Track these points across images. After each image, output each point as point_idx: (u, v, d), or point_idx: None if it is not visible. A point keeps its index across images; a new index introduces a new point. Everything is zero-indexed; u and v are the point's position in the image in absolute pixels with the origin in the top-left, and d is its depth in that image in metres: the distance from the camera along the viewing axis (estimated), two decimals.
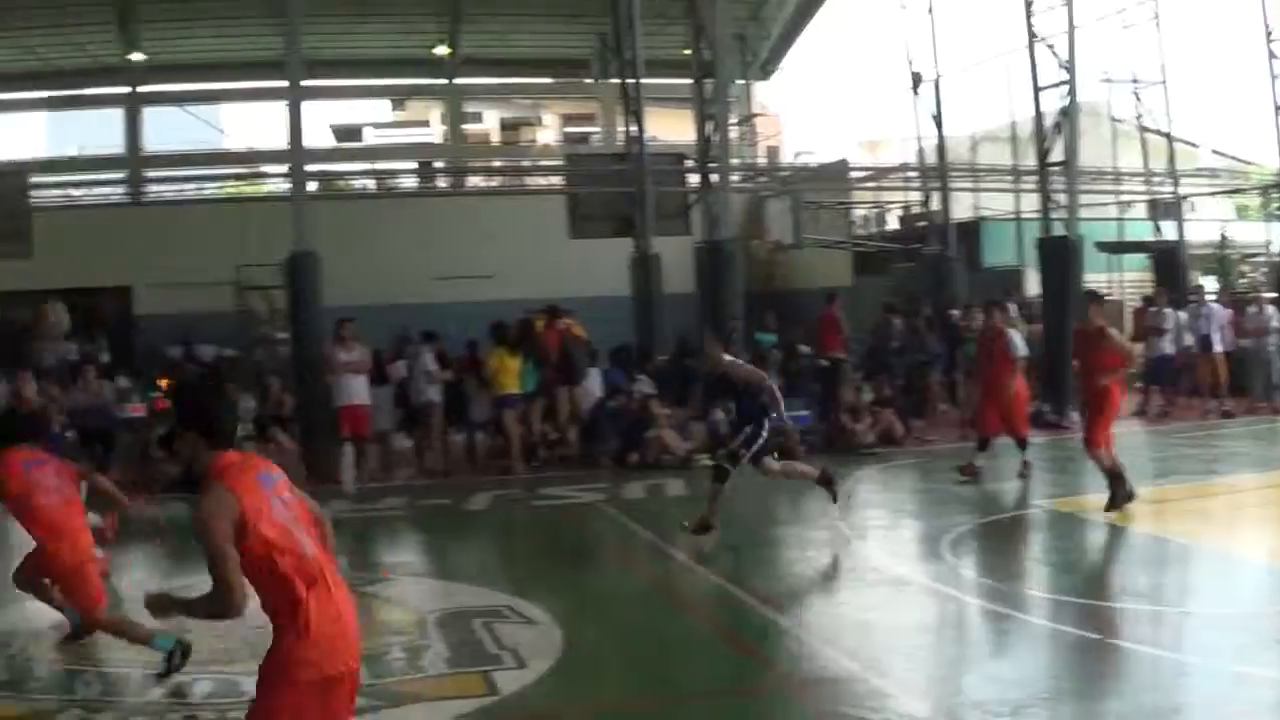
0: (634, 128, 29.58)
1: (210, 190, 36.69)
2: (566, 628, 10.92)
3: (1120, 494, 15.45)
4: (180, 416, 6.24)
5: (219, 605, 5.88)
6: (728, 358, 15.49)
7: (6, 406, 12.89)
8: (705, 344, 16.33)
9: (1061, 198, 27.69)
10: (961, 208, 37.64)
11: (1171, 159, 36.92)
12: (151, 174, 42.18)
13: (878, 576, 13.33)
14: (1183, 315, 27.38)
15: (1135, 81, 36.71)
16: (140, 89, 44.43)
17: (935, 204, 36.28)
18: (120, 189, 40.70)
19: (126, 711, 9.26)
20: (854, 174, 38.75)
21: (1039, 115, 28.06)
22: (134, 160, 44.54)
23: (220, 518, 5.77)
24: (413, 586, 13.54)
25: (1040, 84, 27.77)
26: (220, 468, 5.99)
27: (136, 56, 42.74)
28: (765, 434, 15.14)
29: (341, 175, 42.70)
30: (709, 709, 9.49)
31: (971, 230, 37.73)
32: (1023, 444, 18.95)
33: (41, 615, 12.48)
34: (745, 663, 10.51)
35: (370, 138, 49.43)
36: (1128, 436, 20.64)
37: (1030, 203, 33.74)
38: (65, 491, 10.64)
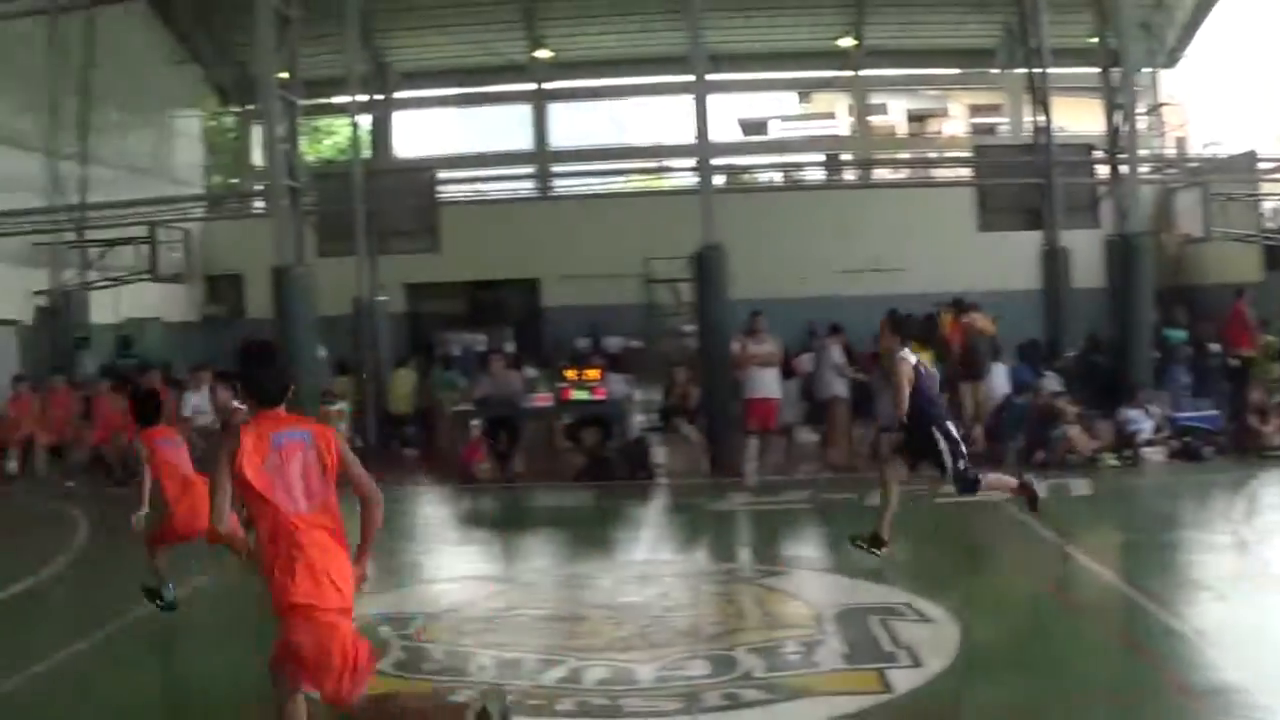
0: (1041, 118, 29.02)
1: (617, 185, 37.26)
2: (963, 627, 10.71)
3: None
4: (241, 381, 7.71)
5: (211, 513, 7.28)
6: (903, 353, 14.23)
7: (145, 392, 14.03)
8: (881, 331, 15.36)
9: None
10: None
11: None
12: (558, 169, 43.00)
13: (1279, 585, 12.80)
14: None
15: None
16: (546, 85, 45.40)
17: None
18: (528, 184, 41.62)
19: (519, 694, 9.31)
20: (1262, 165, 37.43)
21: None
22: (541, 156, 45.51)
23: (225, 451, 7.12)
24: (812, 580, 13.46)
25: None
26: (251, 422, 7.31)
27: (542, 54, 43.68)
28: (954, 436, 14.13)
29: (748, 168, 42.91)
30: (1101, 713, 9.16)
31: None
32: None
33: (437, 599, 12.82)
34: (1140, 666, 10.11)
35: (776, 130, 49.56)
36: None
37: None
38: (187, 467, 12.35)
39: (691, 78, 23.98)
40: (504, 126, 48.41)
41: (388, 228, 28.94)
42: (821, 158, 46.65)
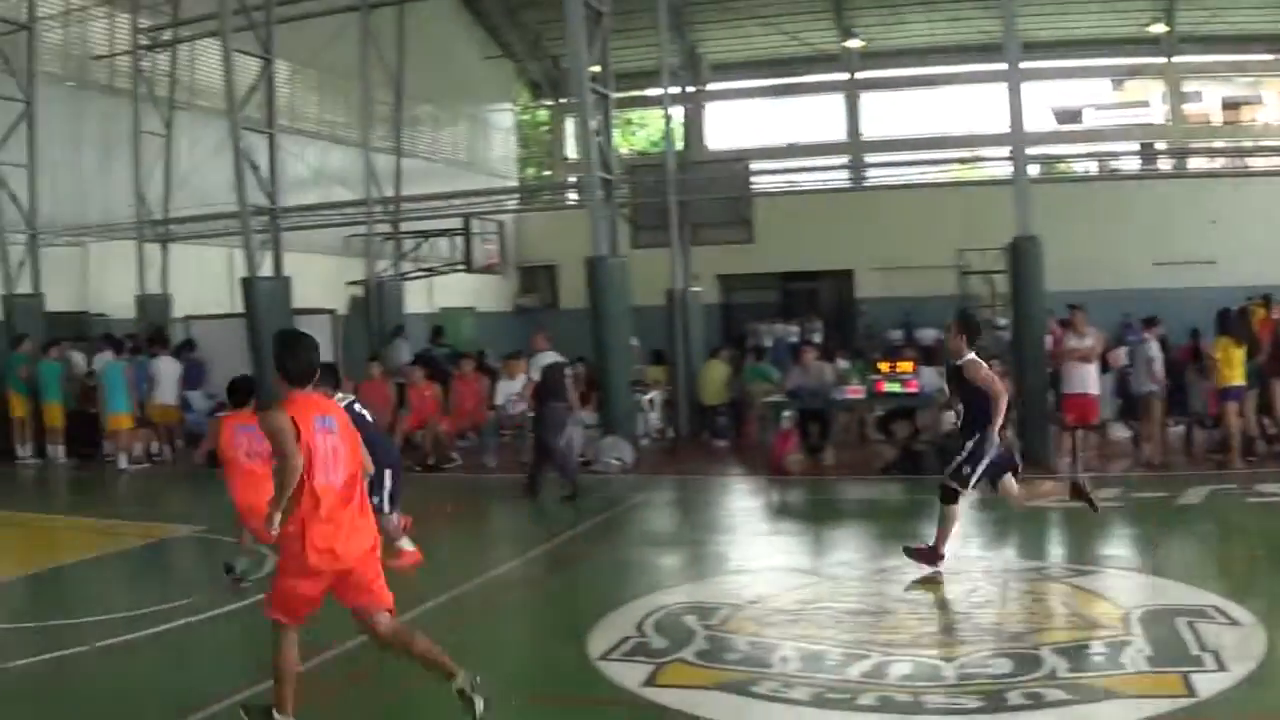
0: None
1: (930, 175, 37.20)
2: (1272, 632, 10.47)
3: None
4: (275, 363, 8.57)
5: (283, 474, 8.11)
6: (970, 354, 13.88)
7: (238, 379, 15.03)
8: (949, 331, 14.92)
9: None
10: None
11: None
12: (871, 159, 42.87)
13: None
14: None
15: None
16: (857, 75, 45.38)
17: None
18: (841, 175, 41.59)
19: (821, 688, 9.43)
20: None
21: None
22: (854, 146, 45.46)
23: (284, 423, 8.10)
24: (1121, 580, 13.23)
25: None
26: (289, 401, 8.35)
27: (852, 43, 43.71)
28: (990, 448, 13.65)
29: (1062, 158, 42.38)
30: None
31: None
32: None
33: (743, 589, 12.96)
34: None
35: (1090, 119, 48.76)
36: None
37: None
38: (263, 455, 12.81)
39: (1004, 65, 23.78)
40: (816, 116, 48.51)
41: (701, 219, 29.14)
42: (1135, 146, 45.75)
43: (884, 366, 22.67)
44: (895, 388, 21.91)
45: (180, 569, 14.21)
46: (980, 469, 13.62)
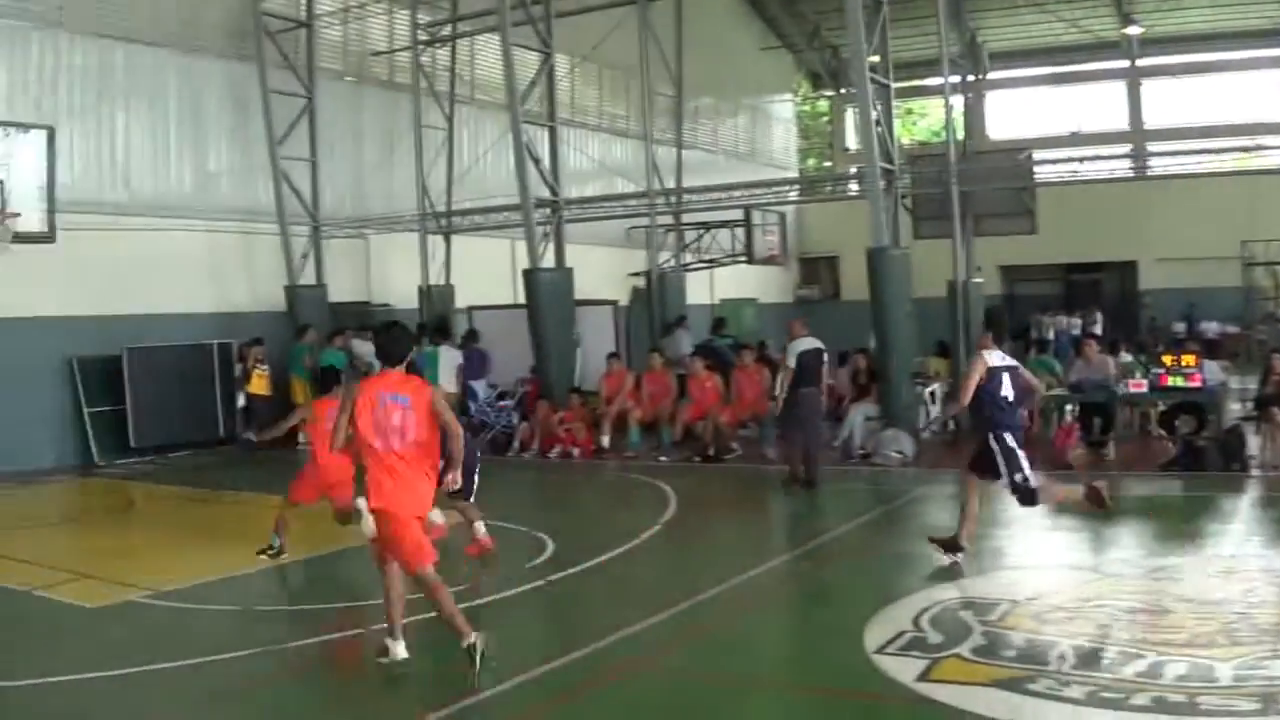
0: None
1: (1214, 164, 36.78)
2: None
3: None
4: (375, 346, 10.96)
5: (331, 438, 10.52)
6: (986, 354, 13.84)
7: (325, 367, 16.53)
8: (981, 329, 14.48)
9: None
10: None
11: None
12: (1154, 148, 42.26)
13: None
14: None
15: None
16: (1139, 62, 44.78)
17: None
18: (1123, 164, 41.20)
19: (1096, 686, 9.44)
20: None
21: None
22: (1136, 134, 44.86)
23: (347, 400, 10.28)
24: None
25: None
26: (374, 376, 10.56)
27: (1133, 30, 43.15)
28: (1011, 447, 13.77)
29: None
30: None
31: None
32: None
33: (1022, 586, 13.03)
34: None
35: None
36: None
37: None
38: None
39: None
40: (1098, 105, 47.98)
41: (983, 209, 29.02)
42: None
43: (1167, 360, 22.35)
44: (1179, 381, 21.60)
45: (458, 552, 14.62)
46: (1026, 463, 13.93)
